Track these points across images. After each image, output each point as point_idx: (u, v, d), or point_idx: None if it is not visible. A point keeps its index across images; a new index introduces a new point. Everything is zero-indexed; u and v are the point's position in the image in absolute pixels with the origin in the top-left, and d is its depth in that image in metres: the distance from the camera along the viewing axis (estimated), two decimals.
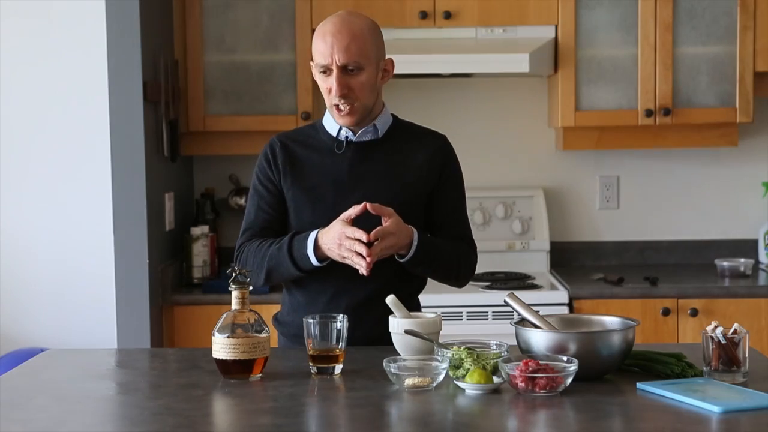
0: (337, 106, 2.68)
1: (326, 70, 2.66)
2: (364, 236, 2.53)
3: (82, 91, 4.02)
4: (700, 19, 4.13)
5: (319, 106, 4.27)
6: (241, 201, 4.40)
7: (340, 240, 2.55)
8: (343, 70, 2.64)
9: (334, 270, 2.66)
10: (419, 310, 2.72)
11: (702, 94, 4.15)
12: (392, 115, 2.81)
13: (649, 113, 4.12)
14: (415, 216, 2.73)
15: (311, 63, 2.74)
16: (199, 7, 4.15)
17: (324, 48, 2.64)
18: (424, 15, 4.12)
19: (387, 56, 2.75)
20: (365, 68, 2.66)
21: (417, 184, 2.74)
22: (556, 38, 4.14)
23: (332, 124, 2.76)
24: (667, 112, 4.11)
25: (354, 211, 2.57)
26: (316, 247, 2.61)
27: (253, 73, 4.18)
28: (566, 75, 4.14)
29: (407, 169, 2.74)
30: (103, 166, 3.94)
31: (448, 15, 4.11)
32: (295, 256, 2.63)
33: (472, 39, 4.16)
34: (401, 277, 2.73)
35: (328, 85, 2.67)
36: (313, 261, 2.61)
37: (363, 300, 2.67)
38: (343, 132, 2.74)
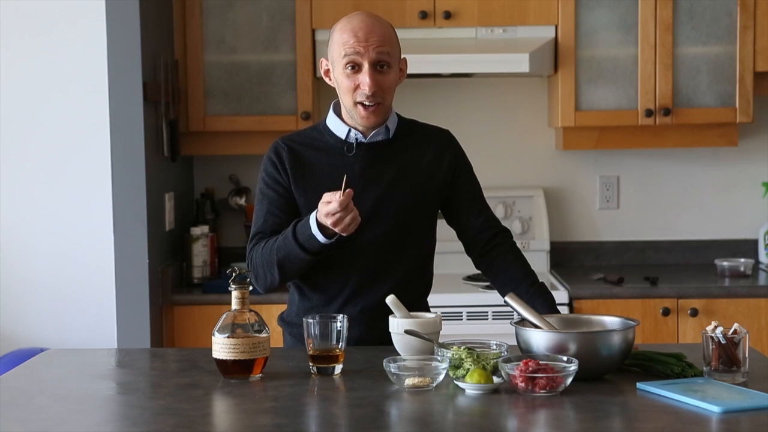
0: (362, 103, 2.61)
1: (355, 66, 2.60)
2: (335, 199, 2.42)
3: (82, 91, 4.02)
4: (700, 19, 4.13)
5: (319, 106, 4.27)
6: (241, 201, 4.41)
7: (324, 215, 2.46)
8: (374, 66, 2.60)
9: (350, 273, 2.64)
10: (428, 311, 2.71)
11: (702, 94, 4.15)
12: (396, 113, 2.78)
13: (649, 113, 4.12)
14: (427, 215, 2.74)
15: (324, 61, 2.69)
16: (199, 7, 4.15)
17: (355, 43, 2.58)
18: (424, 15, 4.11)
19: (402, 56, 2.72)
20: (392, 66, 2.63)
21: (429, 182, 2.73)
22: (556, 38, 4.14)
23: (339, 125, 2.71)
24: (667, 112, 4.11)
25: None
26: (321, 227, 2.50)
27: (253, 73, 4.18)
28: (566, 75, 4.14)
29: (418, 168, 2.72)
30: (103, 166, 3.94)
31: (448, 15, 4.11)
32: (300, 240, 2.54)
33: (472, 39, 4.16)
34: (413, 277, 2.73)
35: (355, 81, 2.60)
36: (320, 238, 2.50)
37: (379, 302, 2.59)
38: (352, 134, 2.69)
